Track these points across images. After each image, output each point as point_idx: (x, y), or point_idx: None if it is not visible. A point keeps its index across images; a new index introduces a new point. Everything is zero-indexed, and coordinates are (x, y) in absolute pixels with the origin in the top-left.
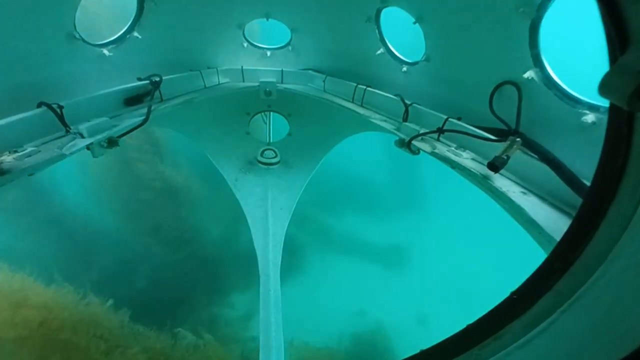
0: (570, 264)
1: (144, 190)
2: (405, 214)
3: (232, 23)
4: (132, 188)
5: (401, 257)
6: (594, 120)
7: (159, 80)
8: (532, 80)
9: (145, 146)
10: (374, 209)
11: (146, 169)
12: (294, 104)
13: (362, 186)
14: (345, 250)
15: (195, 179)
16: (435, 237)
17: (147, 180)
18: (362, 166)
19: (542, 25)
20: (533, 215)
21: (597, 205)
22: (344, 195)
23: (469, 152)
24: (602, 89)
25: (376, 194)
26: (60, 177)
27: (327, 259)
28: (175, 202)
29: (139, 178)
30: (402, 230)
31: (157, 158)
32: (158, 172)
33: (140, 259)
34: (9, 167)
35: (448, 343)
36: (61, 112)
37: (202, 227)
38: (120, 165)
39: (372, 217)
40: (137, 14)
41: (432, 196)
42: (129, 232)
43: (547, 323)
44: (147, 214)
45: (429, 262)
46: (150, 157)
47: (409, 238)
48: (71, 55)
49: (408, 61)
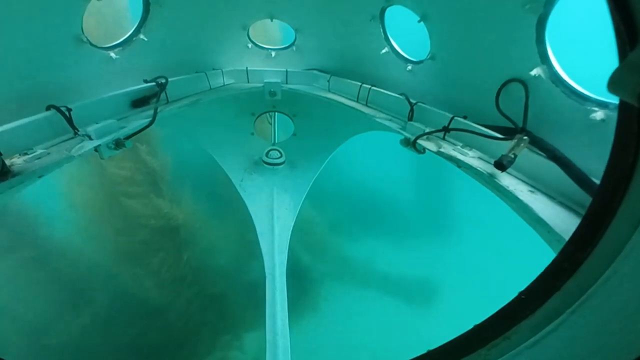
0: (580, 264)
1: (139, 230)
2: (432, 239)
3: (236, 24)
4: (124, 228)
5: (427, 292)
6: (603, 117)
7: (165, 82)
8: (539, 77)
9: (137, 177)
10: (397, 232)
11: (139, 205)
12: (298, 104)
13: (385, 206)
14: (365, 281)
15: (197, 212)
16: (467, 270)
17: (141, 219)
18: (384, 184)
19: (549, 22)
20: (541, 214)
21: (607, 203)
22: (364, 217)
23: (475, 150)
24: (611, 86)
25: (400, 216)
26: (46, 212)
27: (344, 292)
28: (175, 242)
29: (131, 216)
30: (429, 259)
31: (151, 191)
32: (154, 208)
33: (137, 303)
34: (20, 169)
35: (456, 343)
36: (69, 115)
37: (205, 266)
38: (110, 202)
39: (395, 243)
40: (142, 17)
41: (464, 219)
42: (124, 274)
43: (556, 324)
44: (144, 255)
45: (459, 300)
46: (144, 191)
47: (436, 270)
48: (79, 58)
49: (413, 60)
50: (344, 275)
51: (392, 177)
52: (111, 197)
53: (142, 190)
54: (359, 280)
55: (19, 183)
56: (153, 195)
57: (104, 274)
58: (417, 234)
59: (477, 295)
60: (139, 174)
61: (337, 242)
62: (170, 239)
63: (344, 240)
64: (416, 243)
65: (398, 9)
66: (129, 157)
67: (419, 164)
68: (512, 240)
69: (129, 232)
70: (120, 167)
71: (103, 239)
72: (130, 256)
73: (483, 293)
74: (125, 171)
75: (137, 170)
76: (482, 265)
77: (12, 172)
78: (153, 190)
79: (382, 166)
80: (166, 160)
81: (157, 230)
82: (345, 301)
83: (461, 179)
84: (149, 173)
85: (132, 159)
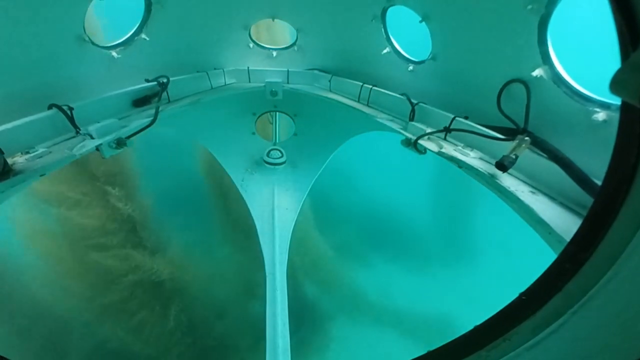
0: (581, 265)
1: (115, 285)
2: (453, 265)
3: (238, 24)
4: (98, 282)
5: (449, 333)
6: (605, 118)
7: (167, 81)
8: (541, 78)
9: (110, 226)
10: (413, 257)
11: (112, 260)
12: (300, 104)
13: (399, 227)
14: (379, 318)
15: (187, 257)
16: (493, 306)
17: (116, 275)
18: (398, 202)
19: (551, 22)
20: (542, 215)
21: (608, 204)
22: (376, 239)
23: (476, 151)
24: (613, 87)
25: (417, 238)
26: (9, 265)
27: (356, 331)
28: (161, 297)
29: (104, 272)
30: (451, 291)
31: (129, 241)
32: (131, 262)
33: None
34: (21, 168)
35: (456, 344)
36: (71, 114)
37: (198, 315)
38: (80, 255)
39: (412, 270)
40: (144, 16)
41: (488, 243)
42: (102, 329)
43: (557, 325)
44: (122, 313)
45: None
46: (119, 242)
47: (459, 304)
48: (81, 57)
49: (414, 60)
50: (356, 311)
51: (407, 194)
52: (80, 251)
53: (117, 241)
54: (373, 317)
55: (21, 182)
56: (130, 246)
57: (79, 329)
58: (437, 259)
59: None
60: (111, 223)
61: (347, 268)
62: (153, 295)
63: (355, 266)
64: (436, 270)
65: (399, 9)
66: (98, 202)
67: (434, 179)
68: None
69: (105, 287)
70: (88, 216)
71: (75, 293)
72: (109, 311)
73: None
74: (94, 220)
75: (109, 218)
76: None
77: (14, 170)
78: (131, 239)
79: (395, 182)
80: (146, 202)
81: (138, 285)
82: (358, 342)
83: (480, 202)
84: (125, 220)
85: (101, 205)
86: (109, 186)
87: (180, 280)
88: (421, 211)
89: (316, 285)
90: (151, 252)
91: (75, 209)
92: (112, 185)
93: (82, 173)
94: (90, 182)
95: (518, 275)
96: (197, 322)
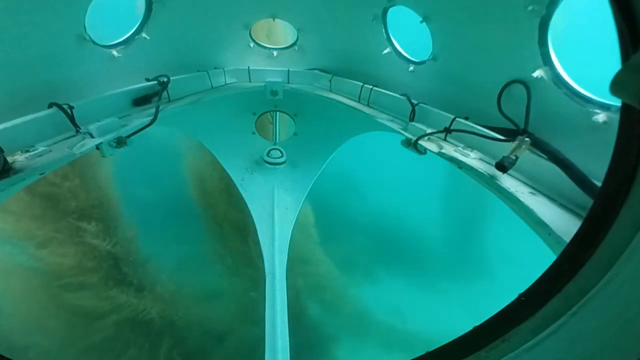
0: (581, 266)
1: (98, 324)
2: (466, 285)
3: (238, 24)
4: (79, 322)
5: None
6: (605, 119)
7: (167, 80)
8: (541, 79)
9: (87, 264)
10: (424, 272)
11: (92, 300)
12: (300, 103)
13: (409, 240)
14: (389, 342)
15: (180, 290)
16: None
17: (97, 315)
18: (408, 214)
19: (552, 23)
20: (542, 216)
21: (608, 205)
22: (385, 252)
23: (476, 152)
24: (613, 88)
25: (428, 252)
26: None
27: (362, 354)
28: (150, 335)
29: (83, 313)
30: (463, 311)
31: (110, 278)
32: (113, 301)
33: None
34: (21, 166)
35: (455, 345)
36: (71, 113)
37: (194, 347)
38: (55, 296)
39: (423, 286)
40: (145, 16)
41: (502, 261)
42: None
43: (557, 326)
44: (109, 351)
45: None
46: (98, 280)
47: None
48: (81, 56)
49: (415, 60)
50: (362, 332)
51: (416, 205)
52: (54, 290)
53: (97, 280)
54: (381, 338)
55: (21, 180)
56: (112, 284)
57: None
58: (448, 274)
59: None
60: (89, 260)
61: (352, 285)
62: (142, 332)
63: (361, 282)
64: (448, 286)
65: (400, 9)
66: (71, 239)
67: (445, 189)
68: None
69: (86, 326)
70: (62, 255)
71: (54, 334)
72: (92, 351)
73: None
74: (69, 259)
75: (86, 256)
76: None
77: (14, 169)
78: (113, 276)
79: (404, 192)
80: (129, 234)
81: (124, 324)
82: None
83: (496, 209)
84: (104, 257)
85: (76, 242)
86: (83, 222)
87: (171, 315)
88: (431, 223)
89: (320, 305)
90: (137, 289)
91: (47, 247)
92: (87, 220)
93: (52, 209)
94: (62, 218)
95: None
96: (193, 354)
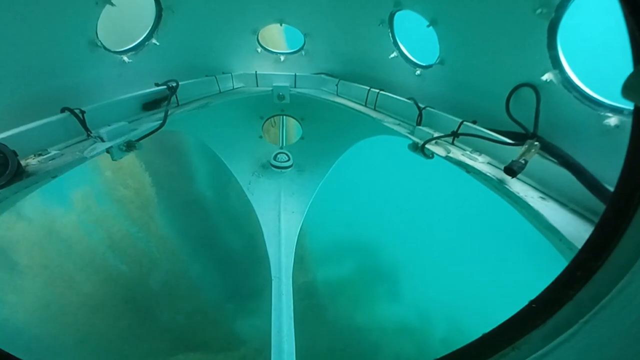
0: (593, 273)
1: None
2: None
3: (246, 29)
4: None
5: None
6: (617, 123)
7: (176, 85)
8: (550, 82)
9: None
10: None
11: None
12: (307, 107)
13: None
14: None
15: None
16: None
17: None
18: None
19: (561, 26)
20: (553, 221)
21: (621, 210)
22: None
23: (484, 156)
24: (625, 91)
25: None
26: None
27: None
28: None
29: None
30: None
31: None
32: None
33: None
34: (34, 169)
35: (462, 353)
36: (83, 117)
37: None
38: None
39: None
40: (155, 22)
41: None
42: None
43: (568, 334)
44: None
45: None
46: None
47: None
48: (93, 62)
49: (422, 64)
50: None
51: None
52: None
53: None
54: None
55: (33, 183)
56: None
57: None
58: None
59: None
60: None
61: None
62: None
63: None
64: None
65: (407, 13)
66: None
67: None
68: None
69: None
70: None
71: None
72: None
73: None
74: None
75: None
76: None
77: (27, 172)
78: None
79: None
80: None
81: None
82: None
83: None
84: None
85: None
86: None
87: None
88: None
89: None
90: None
91: None
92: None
93: None
94: None
95: None
96: None
